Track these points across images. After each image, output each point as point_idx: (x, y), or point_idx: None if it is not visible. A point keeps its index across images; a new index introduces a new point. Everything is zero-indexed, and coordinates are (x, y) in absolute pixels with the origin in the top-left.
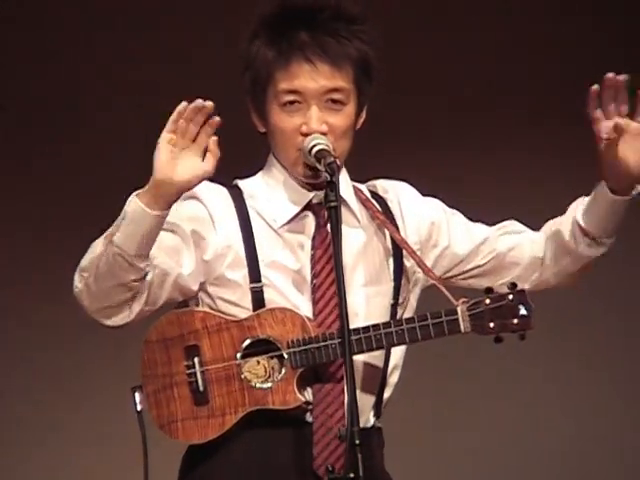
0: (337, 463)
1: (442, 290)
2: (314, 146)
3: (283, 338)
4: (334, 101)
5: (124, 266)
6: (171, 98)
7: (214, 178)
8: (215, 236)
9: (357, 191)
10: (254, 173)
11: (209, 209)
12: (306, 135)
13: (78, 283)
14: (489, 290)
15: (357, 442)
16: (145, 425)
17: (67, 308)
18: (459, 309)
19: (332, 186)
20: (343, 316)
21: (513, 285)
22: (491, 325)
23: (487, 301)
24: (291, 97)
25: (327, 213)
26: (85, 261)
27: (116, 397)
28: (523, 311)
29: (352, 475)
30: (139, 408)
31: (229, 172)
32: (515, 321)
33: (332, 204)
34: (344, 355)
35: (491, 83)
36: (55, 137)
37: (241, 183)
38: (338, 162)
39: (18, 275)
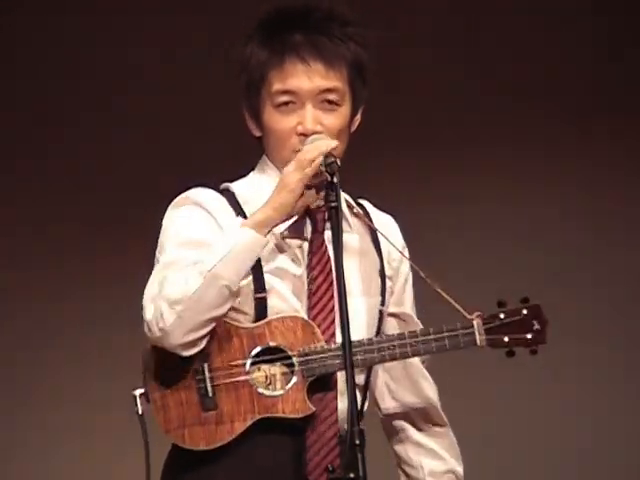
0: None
1: (452, 303)
2: None
3: (294, 346)
4: (329, 101)
5: (227, 297)
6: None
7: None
8: None
9: (345, 201)
10: (243, 175)
11: (217, 219)
12: (302, 135)
13: (169, 317)
14: (502, 304)
15: (357, 442)
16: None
17: (64, 308)
18: (475, 323)
19: (333, 187)
20: (344, 321)
21: (526, 299)
22: (505, 339)
23: (502, 315)
24: (285, 97)
25: (327, 214)
26: (176, 295)
27: (110, 399)
28: (537, 326)
29: (352, 475)
30: (140, 412)
31: (220, 172)
32: (529, 336)
33: (333, 204)
34: (344, 363)
35: (491, 83)
36: (56, 136)
37: (233, 187)
38: (338, 162)
39: (16, 275)
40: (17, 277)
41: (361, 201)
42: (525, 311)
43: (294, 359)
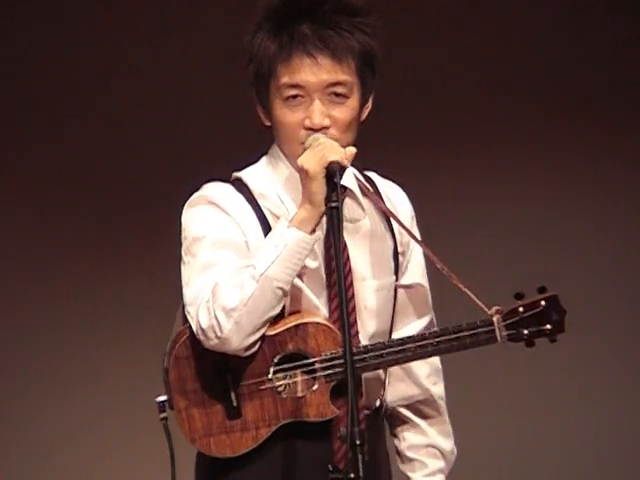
0: None
1: (472, 298)
2: None
3: (316, 352)
4: (337, 94)
5: (281, 297)
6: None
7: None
8: (246, 242)
9: (357, 179)
10: (253, 161)
11: (234, 218)
12: (310, 129)
13: (227, 324)
14: (520, 296)
15: (358, 442)
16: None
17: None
18: (495, 319)
19: (333, 186)
20: (344, 318)
21: (543, 289)
22: (525, 332)
23: (521, 309)
24: (293, 91)
25: (328, 214)
26: (232, 302)
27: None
28: (555, 316)
29: (352, 475)
30: (165, 419)
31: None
32: (548, 326)
33: (333, 204)
34: (345, 366)
35: (491, 82)
36: (55, 136)
37: (246, 179)
38: (342, 163)
39: (22, 273)
40: (18, 274)
41: (368, 173)
42: (544, 302)
43: (316, 365)
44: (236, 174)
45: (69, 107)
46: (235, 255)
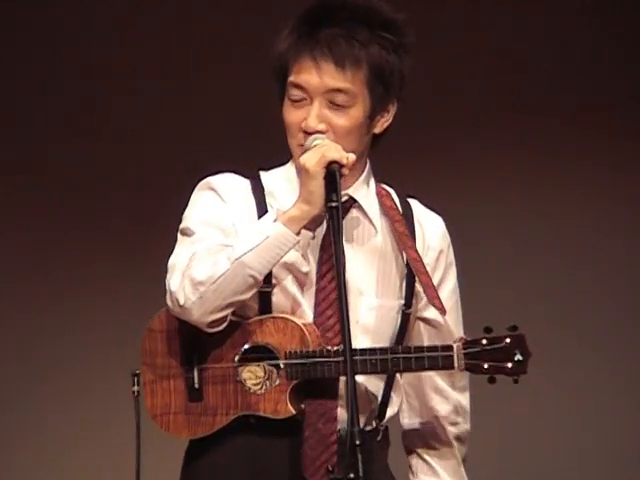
0: (324, 465)
1: (445, 321)
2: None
3: (282, 347)
4: (337, 101)
5: (252, 285)
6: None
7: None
8: (234, 227)
9: (383, 196)
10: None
11: (228, 204)
12: (305, 132)
13: (191, 296)
14: (488, 330)
15: (358, 443)
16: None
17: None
18: (455, 346)
19: (333, 188)
20: (344, 323)
21: (513, 328)
22: (485, 366)
23: (484, 341)
24: (296, 91)
25: (328, 214)
26: (202, 275)
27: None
28: (519, 356)
29: (352, 475)
30: (136, 392)
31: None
32: (509, 365)
33: (333, 204)
34: (346, 370)
35: (492, 82)
36: (57, 136)
37: (264, 176)
38: (341, 162)
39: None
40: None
41: (410, 200)
42: (508, 340)
43: (280, 360)
44: (260, 171)
45: (68, 107)
46: (221, 235)
